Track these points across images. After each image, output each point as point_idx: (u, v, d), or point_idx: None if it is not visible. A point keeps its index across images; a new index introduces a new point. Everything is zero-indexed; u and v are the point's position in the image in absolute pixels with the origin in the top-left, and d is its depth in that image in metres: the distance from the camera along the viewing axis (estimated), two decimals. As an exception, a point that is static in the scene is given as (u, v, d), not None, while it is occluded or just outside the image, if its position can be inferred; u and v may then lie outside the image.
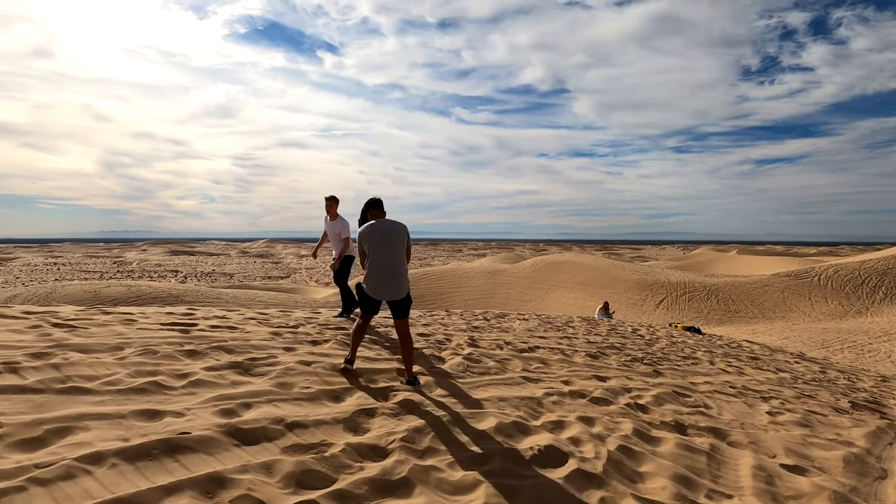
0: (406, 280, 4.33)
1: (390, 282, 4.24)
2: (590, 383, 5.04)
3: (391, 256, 4.24)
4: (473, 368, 4.96)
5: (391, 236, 4.27)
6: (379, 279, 4.23)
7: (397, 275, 4.25)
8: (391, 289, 4.24)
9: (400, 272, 4.27)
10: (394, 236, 4.28)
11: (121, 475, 2.23)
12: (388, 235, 4.26)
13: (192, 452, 2.52)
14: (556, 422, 3.73)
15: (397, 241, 4.28)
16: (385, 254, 4.23)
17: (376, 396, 3.72)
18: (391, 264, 4.24)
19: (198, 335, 4.61)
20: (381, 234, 4.26)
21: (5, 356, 3.35)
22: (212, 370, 3.70)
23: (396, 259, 4.26)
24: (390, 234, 4.27)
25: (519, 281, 35.77)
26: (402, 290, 4.28)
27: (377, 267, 4.23)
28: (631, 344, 8.26)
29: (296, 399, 3.43)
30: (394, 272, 4.24)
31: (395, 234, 4.29)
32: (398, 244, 4.28)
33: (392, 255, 4.24)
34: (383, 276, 4.23)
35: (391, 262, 4.24)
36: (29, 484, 2.04)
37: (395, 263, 4.25)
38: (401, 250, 4.31)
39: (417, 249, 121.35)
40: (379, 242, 4.23)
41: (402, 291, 4.28)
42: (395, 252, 4.26)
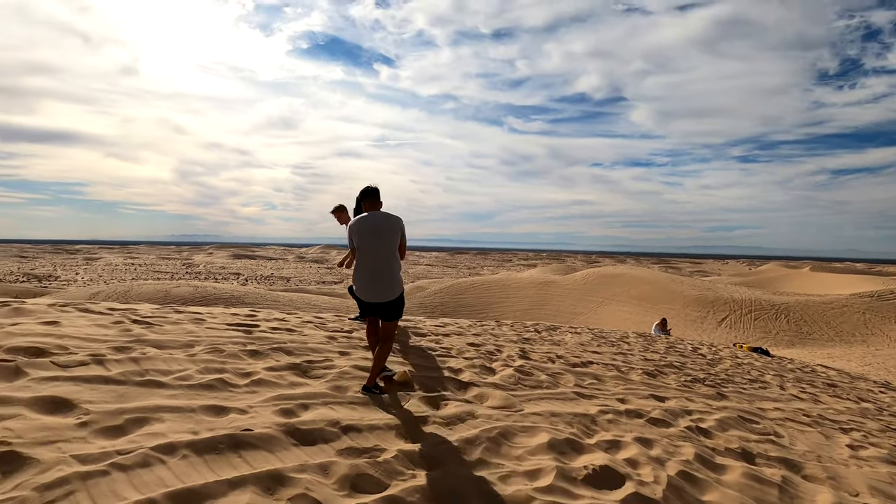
0: (397, 280, 3.91)
1: (378, 282, 3.85)
2: (647, 403, 4.83)
3: (380, 253, 3.84)
4: (525, 381, 4.89)
5: (381, 231, 3.84)
6: (366, 279, 3.87)
7: (387, 274, 3.85)
8: (379, 290, 3.85)
9: (390, 271, 3.86)
10: (384, 231, 3.85)
11: (191, 466, 2.37)
12: (377, 229, 3.84)
13: (255, 449, 2.63)
14: (611, 441, 3.60)
15: (388, 236, 3.85)
16: (373, 250, 3.84)
17: (429, 404, 3.74)
18: (379, 262, 3.84)
19: (260, 336, 4.83)
20: (371, 227, 3.85)
21: (92, 349, 3.66)
22: (272, 370, 3.86)
23: (386, 256, 3.85)
24: (380, 228, 3.85)
25: (570, 293, 34.95)
26: (392, 291, 3.86)
27: (364, 265, 3.87)
28: (691, 363, 7.86)
29: (350, 403, 3.51)
30: (382, 271, 3.85)
31: (386, 229, 3.85)
32: (389, 240, 3.85)
33: (381, 252, 3.84)
34: (371, 276, 3.86)
35: (379, 260, 3.84)
36: (111, 469, 2.20)
37: (385, 261, 3.84)
38: (392, 247, 3.87)
39: (467, 258, 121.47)
40: (368, 237, 3.83)
41: (391, 293, 3.86)
42: (385, 249, 3.84)
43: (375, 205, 4.03)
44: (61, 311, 4.76)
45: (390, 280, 3.86)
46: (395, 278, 3.89)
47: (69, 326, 4.17)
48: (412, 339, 5.99)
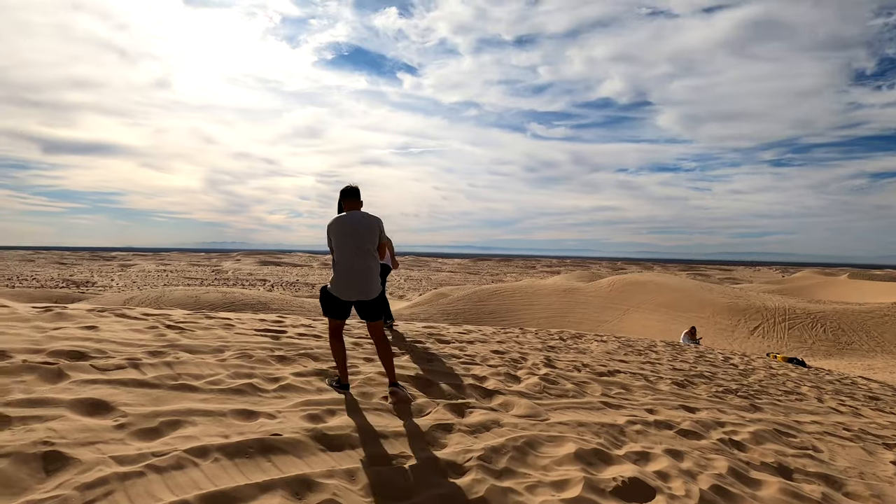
0: (377, 279, 3.91)
1: (360, 281, 3.81)
2: (677, 414, 4.71)
3: (360, 252, 3.83)
4: (550, 390, 4.83)
5: (360, 230, 3.84)
6: (346, 278, 3.81)
7: (367, 273, 3.83)
8: (360, 289, 3.81)
9: (370, 269, 3.85)
10: (363, 230, 3.85)
11: (222, 469, 2.42)
12: (356, 229, 3.84)
13: (283, 453, 2.67)
14: (640, 453, 3.52)
15: (367, 235, 3.85)
16: (352, 250, 3.82)
17: (454, 412, 3.73)
18: (360, 262, 3.82)
19: (287, 342, 4.91)
20: (349, 227, 3.86)
21: (129, 353, 3.78)
22: (300, 376, 3.92)
23: (366, 255, 3.84)
24: (358, 228, 3.85)
25: (595, 300, 34.43)
26: (374, 290, 3.86)
27: (343, 264, 3.83)
28: (723, 373, 7.63)
29: (376, 409, 3.53)
30: (363, 270, 3.82)
31: (365, 228, 3.86)
32: (368, 239, 3.85)
33: (361, 252, 3.83)
34: (350, 275, 3.81)
35: (359, 260, 3.82)
36: (147, 470, 2.27)
37: (365, 260, 3.83)
38: (371, 246, 3.87)
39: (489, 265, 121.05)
40: (347, 237, 3.83)
41: (372, 291, 3.85)
42: (364, 248, 3.83)
43: (356, 204, 4.03)
44: (99, 316, 4.95)
45: (372, 279, 3.86)
46: (375, 277, 3.90)
47: (107, 331, 4.33)
48: (435, 347, 5.99)
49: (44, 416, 2.60)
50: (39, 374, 3.11)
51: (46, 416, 2.60)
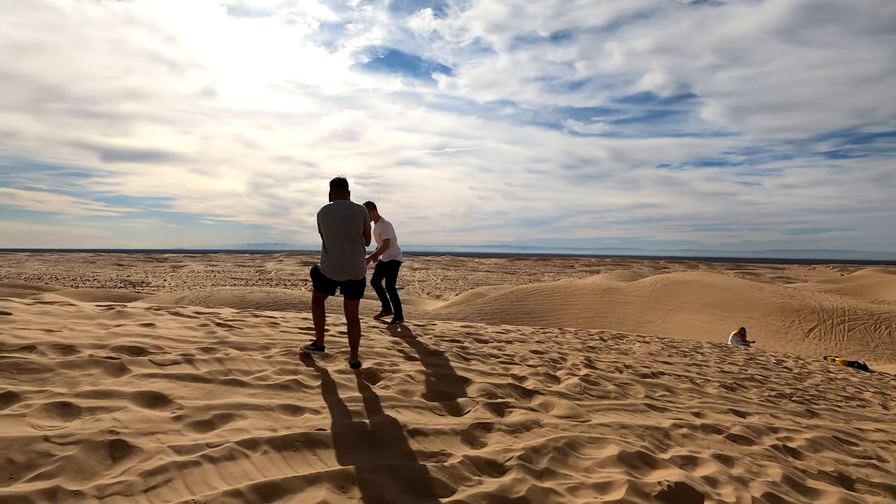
0: (363, 262, 4.36)
1: (348, 263, 4.26)
2: (726, 418, 4.54)
3: (348, 237, 4.26)
4: (591, 391, 4.75)
5: (346, 218, 4.27)
6: (337, 260, 4.26)
7: (354, 256, 4.29)
8: (348, 270, 4.27)
9: (355, 253, 4.29)
10: (349, 218, 4.28)
11: (271, 462, 2.52)
12: (342, 217, 4.27)
13: (328, 448, 2.75)
14: (687, 457, 3.41)
15: (352, 222, 4.28)
16: (340, 235, 4.25)
17: (493, 411, 3.73)
18: (348, 245, 4.26)
19: (329, 340, 5.04)
20: (336, 215, 4.28)
21: (183, 349, 3.98)
22: (342, 373, 4.02)
23: (353, 240, 4.28)
24: (345, 216, 4.28)
25: (636, 300, 33.48)
26: (360, 271, 4.32)
27: (334, 249, 4.26)
28: (776, 377, 7.28)
29: (416, 407, 3.58)
30: (351, 253, 4.27)
31: (351, 216, 4.29)
32: (354, 226, 4.28)
33: (349, 236, 4.26)
34: (342, 258, 4.26)
35: (348, 244, 4.26)
36: (203, 460, 2.39)
37: (352, 244, 4.27)
38: (356, 233, 4.30)
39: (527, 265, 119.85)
40: (334, 224, 4.26)
41: (358, 273, 4.32)
42: (350, 234, 4.27)
43: (343, 194, 4.44)
44: (156, 314, 5.23)
45: (357, 260, 4.32)
46: (361, 260, 4.36)
47: (163, 328, 4.57)
48: (473, 346, 6.00)
49: (109, 406, 2.78)
50: (104, 368, 3.32)
51: (111, 406, 2.78)
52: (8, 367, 3.08)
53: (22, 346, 3.45)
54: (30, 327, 3.93)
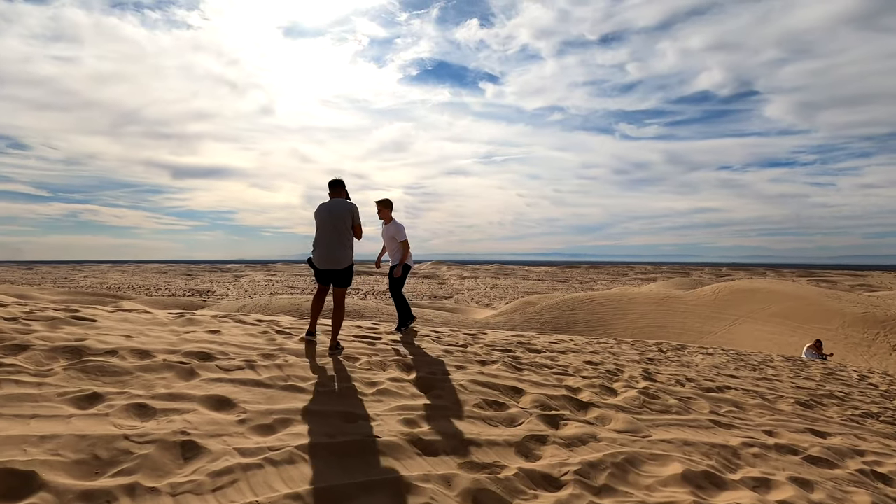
0: (347, 254, 4.76)
1: (332, 253, 4.69)
2: (803, 438, 4.20)
3: (335, 230, 4.71)
4: (651, 405, 4.54)
5: (334, 214, 4.73)
6: (322, 251, 4.72)
7: (338, 248, 4.70)
8: (332, 260, 4.70)
9: (341, 246, 4.72)
10: (337, 214, 4.73)
11: (328, 467, 2.58)
12: (331, 213, 4.74)
13: (382, 455, 2.78)
14: (759, 479, 3.18)
15: (340, 218, 4.72)
16: (328, 229, 4.73)
17: (547, 423, 3.65)
18: (333, 238, 4.70)
19: (382, 348, 5.12)
20: (326, 211, 4.77)
21: (246, 355, 4.18)
22: (395, 381, 4.07)
23: (339, 233, 4.71)
24: (333, 212, 4.74)
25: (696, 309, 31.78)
26: (342, 261, 4.73)
27: (321, 240, 4.74)
28: (859, 394, 6.68)
29: (469, 417, 3.56)
30: (335, 245, 4.70)
31: (339, 213, 4.74)
32: (341, 221, 4.72)
33: (335, 230, 4.71)
34: (325, 249, 4.71)
35: (334, 236, 4.70)
36: (265, 463, 2.48)
37: (338, 237, 4.71)
38: (343, 227, 4.73)
39: (578, 273, 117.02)
40: (324, 220, 4.74)
41: (341, 263, 4.72)
42: (337, 228, 4.71)
43: (338, 193, 4.93)
44: (221, 322, 5.52)
45: (342, 252, 4.73)
46: (345, 252, 4.76)
47: (227, 335, 4.82)
48: (525, 356, 5.91)
49: (180, 409, 2.95)
50: (176, 372, 3.54)
51: (182, 409, 2.95)
52: (93, 370, 3.34)
53: (105, 350, 3.74)
54: (112, 333, 4.26)
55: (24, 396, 2.83)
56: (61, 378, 3.16)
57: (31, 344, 3.63)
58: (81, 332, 4.15)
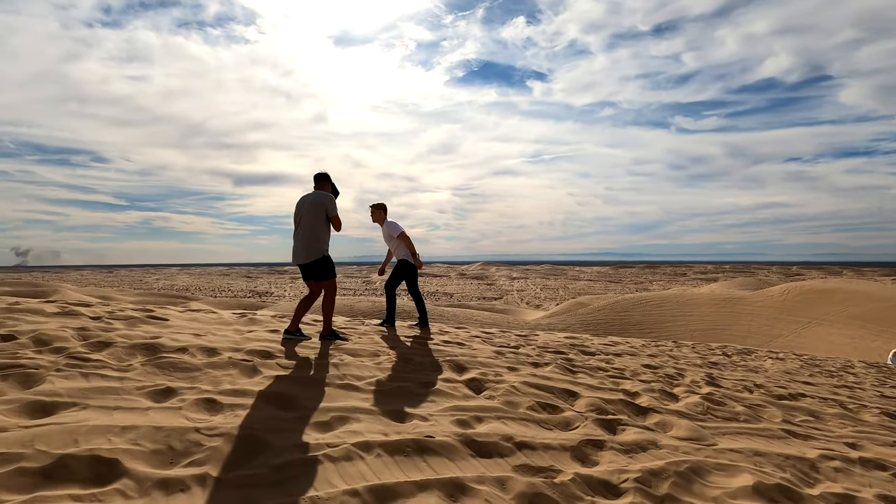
0: (320, 246, 4.63)
1: (302, 247, 4.61)
2: (892, 452, 3.84)
3: (306, 223, 4.61)
4: (716, 411, 4.31)
5: (307, 205, 4.64)
6: (295, 245, 4.66)
7: (308, 241, 4.60)
8: (300, 254, 4.61)
9: (311, 238, 4.60)
10: (310, 206, 4.62)
11: (383, 465, 2.62)
12: (308, 205, 4.64)
13: (436, 455, 2.79)
14: (842, 495, 2.94)
15: (313, 210, 4.61)
16: (301, 222, 4.64)
17: (604, 428, 3.54)
18: (304, 231, 4.61)
19: (434, 348, 5.16)
20: (302, 203, 4.69)
21: (304, 354, 4.33)
22: (447, 382, 4.08)
23: (310, 227, 4.60)
24: (306, 204, 4.65)
25: (763, 311, 29.86)
26: (310, 255, 4.61)
27: (296, 234, 4.68)
28: (958, 406, 6.02)
29: (522, 419, 3.51)
30: (304, 238, 4.60)
31: (313, 204, 4.63)
32: (314, 213, 4.60)
33: (307, 222, 4.60)
34: (297, 242, 4.65)
35: (305, 230, 4.60)
36: (324, 459, 2.56)
37: (306, 231, 4.60)
38: (317, 219, 4.61)
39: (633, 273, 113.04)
40: (301, 211, 4.67)
41: (309, 256, 4.61)
42: (310, 221, 4.60)
43: (319, 186, 4.87)
44: (280, 322, 5.76)
45: (311, 246, 4.62)
46: (315, 245, 4.64)
47: (286, 334, 5.01)
48: (579, 358, 5.76)
49: (244, 404, 3.10)
50: (240, 369, 3.72)
51: (246, 404, 3.10)
52: (167, 366, 3.57)
53: (177, 347, 3.99)
54: (182, 332, 4.54)
55: (108, 389, 3.06)
56: (139, 373, 3.40)
57: (113, 341, 3.94)
58: (156, 331, 4.45)
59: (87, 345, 3.81)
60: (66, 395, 2.89)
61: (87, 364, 3.41)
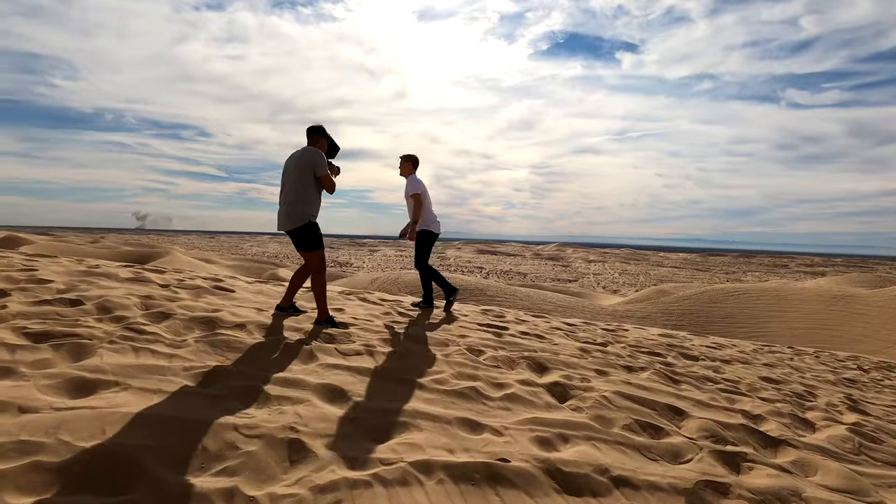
0: (298, 211, 3.96)
1: (282, 212, 4.02)
2: None
3: (286, 185, 4.01)
4: (871, 451, 3.36)
5: (291, 163, 4.02)
6: (279, 210, 4.04)
7: (288, 205, 3.98)
8: (282, 219, 4.02)
9: (294, 202, 3.96)
10: (295, 164, 3.99)
11: (446, 495, 2.11)
12: (294, 162, 4.00)
13: (512, 487, 2.24)
14: None
15: (298, 168, 3.96)
16: (284, 182, 4.05)
17: (725, 463, 2.79)
18: (285, 194, 4.01)
19: (509, 341, 4.58)
20: (289, 161, 4.07)
21: (366, 339, 3.94)
22: (525, 385, 3.49)
23: (291, 188, 3.98)
24: (291, 161, 4.03)
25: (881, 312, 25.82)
26: (291, 221, 3.98)
27: (280, 199, 4.07)
28: None
29: (618, 443, 2.85)
30: (285, 202, 4.00)
31: (298, 162, 3.97)
32: (299, 172, 3.95)
33: (289, 184, 3.99)
34: (281, 206, 4.03)
35: (285, 192, 4.01)
36: (374, 481, 2.09)
37: (289, 193, 3.99)
38: (301, 179, 3.95)
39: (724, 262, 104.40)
40: (286, 172, 4.06)
41: (290, 223, 3.98)
42: (294, 181, 3.97)
43: (312, 141, 4.17)
44: (346, 299, 5.46)
45: (293, 211, 3.97)
46: (299, 210, 3.98)
47: (350, 314, 4.67)
48: (680, 363, 4.91)
49: (293, 398, 2.72)
50: (296, 353, 3.39)
51: (295, 398, 2.72)
52: (221, 344, 3.31)
53: (235, 323, 3.74)
54: (245, 305, 4.33)
55: (155, 368, 2.82)
56: (191, 351, 3.16)
57: (173, 312, 3.77)
58: (219, 303, 4.28)
59: (147, 315, 3.67)
60: (110, 373, 2.67)
61: (141, 337, 3.22)
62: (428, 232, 5.35)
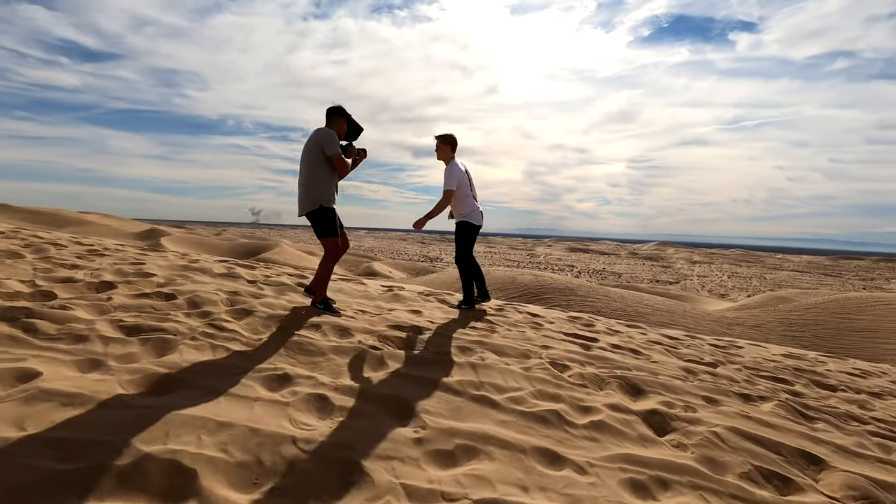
0: (314, 195, 3.84)
1: (301, 195, 3.90)
2: None
3: (302, 169, 3.90)
4: None
5: (306, 146, 3.91)
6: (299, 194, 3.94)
7: (301, 188, 3.89)
8: (301, 202, 3.90)
9: (305, 185, 3.86)
10: (306, 146, 3.90)
11: (516, 546, 1.80)
12: (307, 144, 3.91)
13: (596, 544, 1.87)
14: None
15: (309, 151, 3.86)
16: (301, 167, 3.92)
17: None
18: (300, 177, 3.91)
19: (599, 355, 4.11)
20: (306, 144, 3.93)
21: (438, 344, 3.72)
22: (616, 410, 3.05)
23: (305, 171, 3.87)
24: (306, 144, 3.92)
25: None
26: (304, 206, 3.89)
27: (298, 183, 3.96)
28: None
29: (734, 496, 2.33)
30: (300, 187, 3.91)
31: (309, 143, 3.88)
32: (310, 155, 3.84)
33: (302, 168, 3.89)
34: (299, 189, 3.92)
35: (301, 175, 3.91)
36: (433, 520, 1.85)
37: (302, 176, 3.89)
38: (313, 162, 3.83)
39: (860, 266, 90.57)
40: (302, 156, 3.93)
41: (303, 208, 3.90)
42: (306, 164, 3.86)
43: (327, 122, 3.98)
44: (425, 300, 5.30)
45: (305, 195, 3.88)
46: (311, 194, 3.86)
47: (427, 318, 4.49)
48: (813, 394, 4.08)
49: (356, 409, 2.57)
50: (367, 358, 3.26)
51: (358, 409, 2.57)
52: (294, 346, 3.28)
53: (312, 323, 3.72)
54: (323, 304, 4.31)
55: (229, 368, 2.83)
56: (265, 350, 3.15)
57: (255, 310, 3.84)
58: (300, 301, 4.31)
59: (231, 311, 3.77)
60: (186, 370, 2.71)
61: (221, 334, 3.28)
62: (468, 224, 4.79)
